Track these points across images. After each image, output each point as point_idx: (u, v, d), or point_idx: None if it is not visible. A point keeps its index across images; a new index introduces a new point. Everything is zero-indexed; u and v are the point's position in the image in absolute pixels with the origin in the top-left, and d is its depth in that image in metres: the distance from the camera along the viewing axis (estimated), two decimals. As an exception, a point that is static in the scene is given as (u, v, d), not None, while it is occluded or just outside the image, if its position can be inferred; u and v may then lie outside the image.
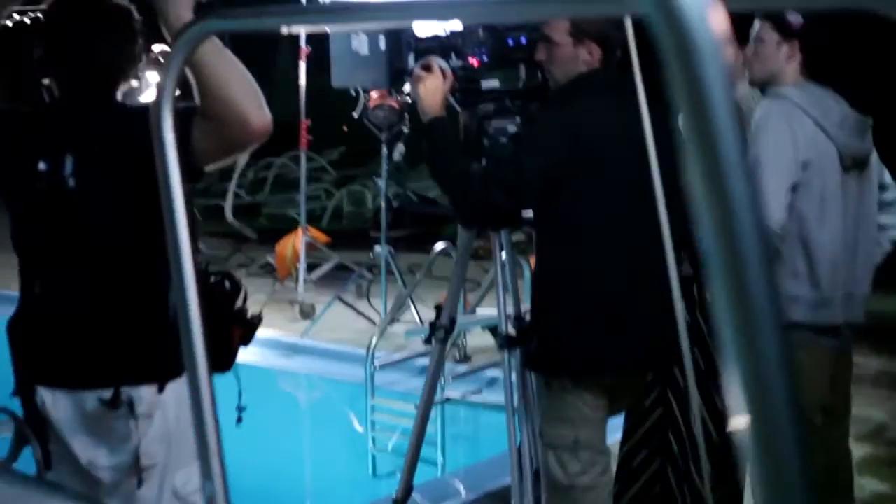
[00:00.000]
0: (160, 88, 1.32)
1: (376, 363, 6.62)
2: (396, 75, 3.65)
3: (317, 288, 9.30)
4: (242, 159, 2.82)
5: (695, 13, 0.70)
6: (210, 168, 2.67)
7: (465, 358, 7.54)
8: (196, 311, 1.44)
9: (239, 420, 3.03)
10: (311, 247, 9.18)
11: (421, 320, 7.75)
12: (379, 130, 7.88)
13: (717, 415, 4.01)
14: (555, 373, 3.56)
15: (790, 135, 3.60)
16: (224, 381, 2.82)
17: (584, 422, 3.52)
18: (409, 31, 3.62)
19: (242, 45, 2.50)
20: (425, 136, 3.52)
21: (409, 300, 7.86)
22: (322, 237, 9.63)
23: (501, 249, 3.85)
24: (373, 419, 6.44)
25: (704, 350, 3.97)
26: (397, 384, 6.91)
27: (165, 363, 2.71)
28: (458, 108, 3.70)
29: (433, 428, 5.96)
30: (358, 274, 9.05)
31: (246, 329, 2.86)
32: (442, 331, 3.90)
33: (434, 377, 3.97)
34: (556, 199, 3.40)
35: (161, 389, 2.73)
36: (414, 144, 6.92)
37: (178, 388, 2.75)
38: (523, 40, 3.69)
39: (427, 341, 3.94)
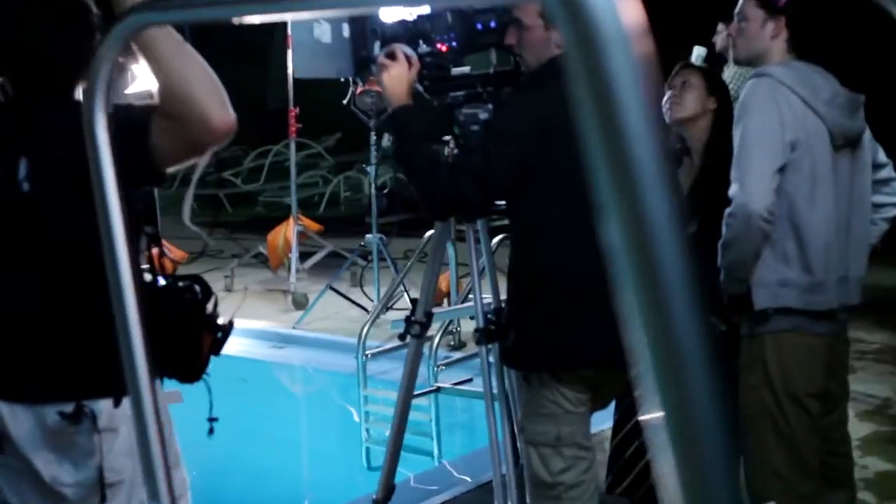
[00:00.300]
0: (90, 84, 1.21)
1: (368, 353, 6.61)
2: (362, 64, 3.52)
3: (310, 277, 9.26)
4: (203, 160, 2.69)
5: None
6: (172, 169, 2.55)
7: (460, 344, 7.45)
8: (136, 321, 1.35)
9: (211, 431, 2.94)
10: (303, 235, 9.11)
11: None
12: (367, 117, 7.81)
13: None
14: (532, 368, 3.44)
15: (777, 114, 3.46)
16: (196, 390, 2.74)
17: (565, 417, 3.41)
18: (375, 18, 3.50)
19: (237, 35, 2.38)
20: (390, 126, 3.40)
21: (402, 287, 7.79)
22: (314, 225, 9.57)
23: (477, 240, 3.73)
24: (366, 410, 6.41)
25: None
26: (390, 373, 6.83)
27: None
28: (426, 95, 3.58)
29: (427, 417, 5.97)
30: (351, 261, 8.96)
31: (217, 336, 2.75)
32: (417, 326, 3.78)
33: (411, 375, 3.85)
34: (528, 189, 3.29)
35: (117, 403, 2.61)
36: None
37: None
38: (493, 24, 3.55)
39: (402, 337, 3.82)
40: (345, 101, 7.20)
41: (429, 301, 3.82)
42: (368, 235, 8.19)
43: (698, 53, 8.38)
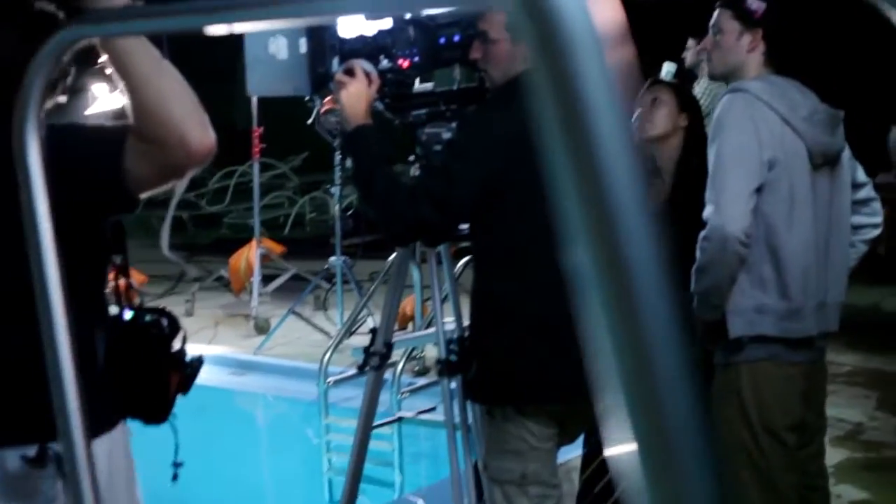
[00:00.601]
0: (21, 102, 1.14)
1: (330, 380, 6.46)
2: (319, 81, 3.34)
3: (273, 300, 9.10)
4: (181, 185, 2.51)
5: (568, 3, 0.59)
6: (146, 195, 2.36)
7: (424, 370, 7.29)
8: (69, 362, 1.26)
9: (175, 477, 2.80)
10: (266, 258, 8.96)
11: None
12: (332, 137, 7.63)
13: None
14: (496, 401, 3.26)
15: (753, 132, 3.31)
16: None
17: (531, 454, 3.23)
18: (333, 32, 3.32)
19: (203, 51, 2.20)
20: (348, 147, 3.23)
21: (367, 310, 7.63)
22: (277, 248, 9.42)
23: (439, 262, 3.56)
24: (327, 439, 6.25)
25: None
26: (354, 400, 6.62)
27: (93, 416, 2.42)
28: (387, 114, 3.41)
29: (389, 447, 5.80)
30: (315, 285, 8.80)
31: (185, 375, 2.58)
32: (377, 357, 3.60)
33: (369, 408, 3.66)
34: (493, 213, 3.12)
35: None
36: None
37: (108, 443, 2.45)
38: (457, 38, 3.39)
39: (361, 369, 3.63)
40: (309, 121, 7.03)
41: (389, 330, 3.63)
42: (332, 258, 8.05)
43: (668, 69, 8.28)
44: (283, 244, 9.89)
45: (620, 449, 0.58)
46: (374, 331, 3.67)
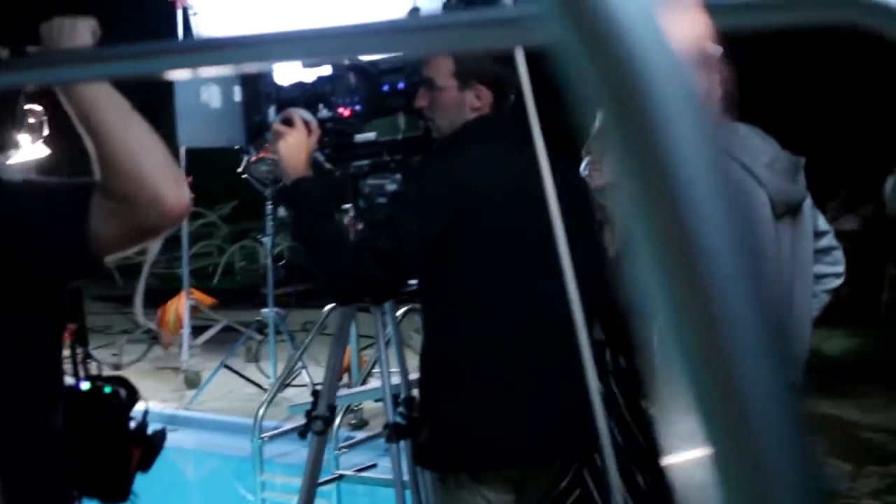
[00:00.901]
0: None
1: (264, 435, 6.30)
2: (255, 130, 3.16)
3: (203, 353, 8.89)
4: (155, 246, 2.31)
5: (633, 13, 0.48)
6: (113, 258, 2.15)
7: (362, 423, 7.11)
8: None
9: None
10: (196, 310, 8.74)
11: (314, 384, 7.35)
12: (263, 185, 7.50)
13: (641, 496, 3.65)
14: (450, 468, 3.08)
15: None
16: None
17: (487, 522, 3.06)
18: (269, 79, 3.15)
19: (134, 96, 2.00)
20: (288, 200, 3.05)
21: (301, 363, 7.46)
22: (207, 299, 9.20)
23: (385, 326, 3.38)
24: (263, 497, 6.06)
25: (622, 424, 3.58)
26: (290, 455, 6.51)
27: (48, 495, 2.23)
28: (327, 165, 3.24)
29: None
30: (247, 337, 8.58)
31: (147, 450, 2.39)
32: (320, 422, 3.40)
33: (312, 475, 3.46)
34: (443, 268, 2.96)
35: None
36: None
37: None
38: (401, 86, 3.23)
39: (303, 435, 3.43)
40: (239, 170, 6.86)
41: (332, 392, 3.44)
42: (264, 310, 7.85)
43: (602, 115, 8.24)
44: (213, 294, 9.68)
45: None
46: (315, 393, 3.47)
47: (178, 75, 2.53)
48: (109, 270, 2.20)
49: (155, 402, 7.98)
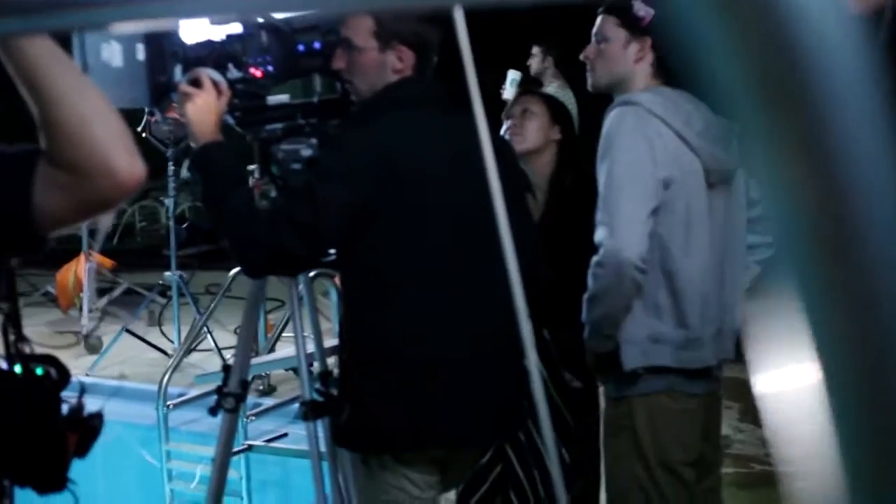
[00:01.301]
0: None
1: (170, 403, 6.14)
2: (160, 91, 2.95)
3: (105, 317, 8.60)
4: (105, 221, 2.11)
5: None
6: (57, 233, 1.97)
7: (270, 389, 6.95)
8: None
9: None
10: (95, 272, 8.47)
11: (219, 349, 7.18)
12: (164, 146, 7.27)
13: (566, 470, 3.58)
14: (372, 449, 2.94)
15: (648, 149, 3.03)
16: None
17: (411, 504, 2.92)
18: (175, 37, 2.95)
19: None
20: (197, 166, 2.87)
21: (206, 327, 7.28)
22: (107, 262, 8.93)
23: (300, 296, 3.22)
24: (169, 467, 5.89)
25: (548, 398, 3.49)
26: (197, 423, 6.33)
27: None
28: (237, 129, 3.05)
29: (237, 475, 5.48)
30: (150, 300, 8.35)
31: (83, 434, 2.22)
32: (231, 399, 3.23)
33: (224, 456, 3.29)
34: (364, 240, 2.80)
35: None
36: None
37: None
38: (317, 45, 3.05)
39: (213, 412, 3.26)
40: (139, 129, 6.64)
41: (245, 367, 3.27)
42: (167, 273, 7.65)
43: (513, 78, 8.11)
44: (113, 255, 9.41)
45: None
46: (226, 368, 3.29)
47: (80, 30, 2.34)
48: (50, 246, 2.04)
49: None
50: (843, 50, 0.41)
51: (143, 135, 6.85)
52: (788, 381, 0.47)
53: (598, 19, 3.23)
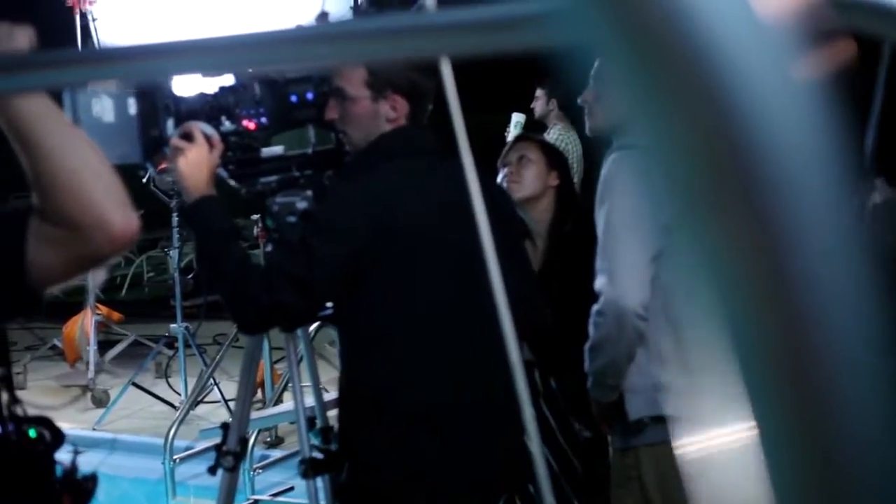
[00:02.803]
0: None
1: (176, 457, 6.10)
2: (152, 146, 2.92)
3: (112, 370, 8.59)
4: (97, 277, 2.08)
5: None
6: (53, 290, 1.93)
7: (278, 440, 6.88)
8: None
9: None
10: (102, 325, 8.44)
11: (226, 401, 7.12)
12: (168, 197, 7.26)
13: None
14: (373, 505, 2.87)
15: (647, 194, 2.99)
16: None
17: (413, 563, 2.85)
18: (167, 90, 2.92)
19: None
20: (190, 222, 2.83)
21: (212, 379, 7.23)
22: (114, 314, 8.91)
23: (297, 351, 3.17)
24: (175, 523, 5.87)
25: (557, 449, 3.43)
26: (202, 477, 6.27)
27: None
28: (231, 182, 3.01)
29: None
30: (156, 352, 8.31)
31: (78, 497, 2.17)
32: (231, 457, 3.16)
33: (224, 516, 3.22)
34: (360, 292, 2.75)
35: None
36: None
37: None
38: (310, 96, 3.02)
39: (212, 472, 3.19)
40: (143, 180, 6.63)
41: (243, 424, 3.21)
42: (173, 325, 7.60)
43: (517, 120, 8.08)
44: (121, 306, 9.42)
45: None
46: (225, 426, 3.23)
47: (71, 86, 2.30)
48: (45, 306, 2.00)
49: (62, 423, 7.68)
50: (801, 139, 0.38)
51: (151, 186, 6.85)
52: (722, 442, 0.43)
53: (596, 63, 3.18)
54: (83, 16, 7.12)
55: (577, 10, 0.44)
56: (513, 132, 7.77)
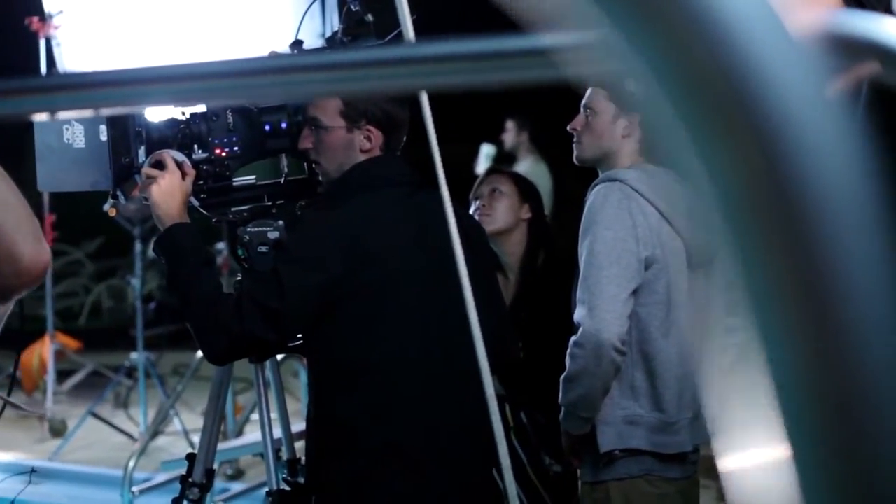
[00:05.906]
0: None
1: (135, 489, 6.00)
2: (123, 173, 2.89)
3: (70, 400, 8.50)
4: (6, 309, 2.02)
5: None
6: None
7: (238, 473, 6.81)
8: None
9: None
10: (61, 354, 8.34)
11: (186, 433, 7.04)
12: (131, 224, 7.20)
13: None
14: (342, 542, 2.84)
15: (631, 227, 2.99)
16: None
17: None
18: (139, 118, 2.89)
19: None
20: (162, 250, 2.79)
21: (173, 410, 7.15)
22: (72, 343, 8.81)
23: (266, 384, 3.13)
24: (134, 559, 5.76)
25: (526, 483, 3.41)
26: (164, 510, 6.20)
27: None
28: (203, 211, 2.98)
29: None
30: (116, 382, 8.21)
31: None
32: (196, 489, 3.12)
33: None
34: (331, 323, 2.73)
35: None
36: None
37: None
38: (283, 125, 2.99)
39: (177, 503, 3.14)
40: (105, 207, 6.55)
41: (210, 457, 3.16)
42: (134, 354, 7.53)
43: (487, 152, 8.10)
44: (80, 335, 9.31)
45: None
46: (191, 457, 3.19)
47: (38, 117, 2.26)
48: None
49: (18, 454, 7.59)
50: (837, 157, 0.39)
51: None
52: (755, 461, 0.44)
53: (588, 91, 3.18)
54: (48, 41, 7.06)
55: (620, 41, 0.44)
56: (483, 164, 7.78)
